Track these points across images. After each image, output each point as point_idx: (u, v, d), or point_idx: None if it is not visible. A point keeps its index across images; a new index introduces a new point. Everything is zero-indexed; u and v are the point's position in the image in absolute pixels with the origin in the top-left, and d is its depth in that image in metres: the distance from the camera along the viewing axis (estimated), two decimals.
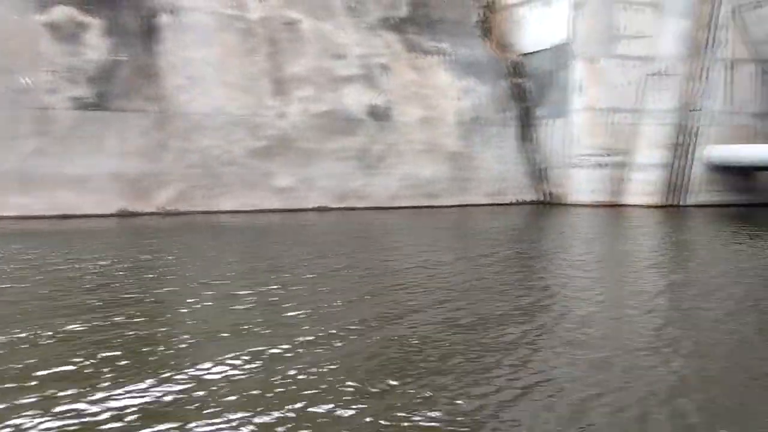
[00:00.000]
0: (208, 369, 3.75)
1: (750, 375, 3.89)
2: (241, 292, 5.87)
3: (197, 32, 13.89)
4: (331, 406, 3.25)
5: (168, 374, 3.65)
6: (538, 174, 17.39)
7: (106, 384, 3.47)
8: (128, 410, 3.14)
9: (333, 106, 14.77)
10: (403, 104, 15.53)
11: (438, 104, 16.02)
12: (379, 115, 15.21)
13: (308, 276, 6.75)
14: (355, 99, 15.01)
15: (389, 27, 16.20)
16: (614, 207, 15.83)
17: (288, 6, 14.95)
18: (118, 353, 4.02)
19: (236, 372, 3.74)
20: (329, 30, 15.25)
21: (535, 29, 17.47)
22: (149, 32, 13.49)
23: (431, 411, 3.19)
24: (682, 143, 16.10)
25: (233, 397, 3.35)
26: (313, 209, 14.24)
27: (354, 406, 3.26)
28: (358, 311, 5.24)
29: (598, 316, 5.30)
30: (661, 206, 15.92)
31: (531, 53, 17.70)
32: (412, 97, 15.69)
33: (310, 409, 3.21)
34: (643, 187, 16.07)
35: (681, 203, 16.24)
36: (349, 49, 15.25)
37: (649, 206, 15.79)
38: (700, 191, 16.35)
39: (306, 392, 3.43)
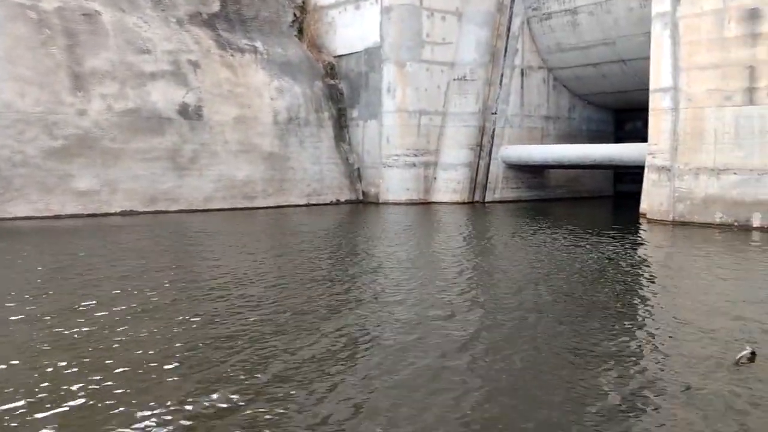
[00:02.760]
0: None
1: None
2: (46, 317, 5.41)
3: None
4: None
5: None
6: (355, 174, 17.79)
7: None
8: None
9: (139, 104, 14.02)
10: (215, 103, 15.13)
11: (252, 103, 15.80)
12: (189, 113, 14.69)
13: (124, 294, 6.38)
14: (164, 96, 14.36)
15: (199, 23, 15.71)
16: (426, 204, 16.63)
17: None
18: None
19: None
20: (134, 23, 14.47)
21: (348, 32, 17.84)
22: None
23: None
24: (483, 144, 17.31)
25: None
26: (118, 214, 13.43)
27: None
28: (183, 336, 5.04)
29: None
30: (467, 203, 17.01)
31: (344, 55, 18.05)
32: (225, 95, 15.33)
33: None
34: (450, 185, 17.04)
35: (484, 200, 17.47)
36: (156, 44, 14.57)
37: (456, 203, 16.80)
38: (499, 188, 17.72)
39: None
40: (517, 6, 17.34)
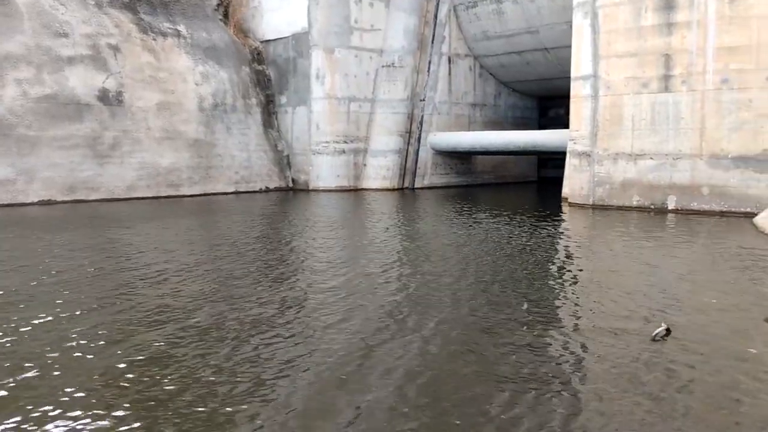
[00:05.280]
0: None
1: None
2: None
3: None
4: None
5: None
6: (284, 161, 17.62)
7: None
8: None
9: (56, 89, 13.46)
10: (137, 88, 14.67)
11: (176, 89, 15.40)
12: (110, 99, 14.20)
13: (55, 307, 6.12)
14: (82, 81, 13.83)
15: (119, 5, 15.16)
16: (356, 191, 16.66)
17: None
18: None
19: None
20: (50, 5, 13.84)
21: (275, 17, 17.59)
22: None
23: None
24: (412, 131, 17.46)
25: None
26: (36, 203, 12.89)
27: None
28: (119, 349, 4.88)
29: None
30: (397, 189, 17.15)
31: (272, 40, 17.79)
32: (147, 80, 14.89)
33: None
34: (380, 171, 17.12)
35: (413, 186, 17.64)
36: (74, 27, 13.99)
37: (386, 189, 16.91)
38: (429, 174, 17.94)
39: None
40: None
